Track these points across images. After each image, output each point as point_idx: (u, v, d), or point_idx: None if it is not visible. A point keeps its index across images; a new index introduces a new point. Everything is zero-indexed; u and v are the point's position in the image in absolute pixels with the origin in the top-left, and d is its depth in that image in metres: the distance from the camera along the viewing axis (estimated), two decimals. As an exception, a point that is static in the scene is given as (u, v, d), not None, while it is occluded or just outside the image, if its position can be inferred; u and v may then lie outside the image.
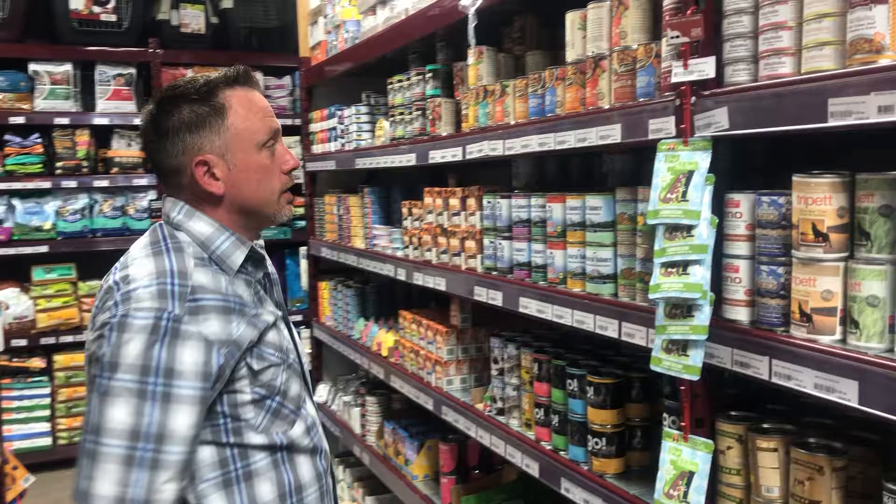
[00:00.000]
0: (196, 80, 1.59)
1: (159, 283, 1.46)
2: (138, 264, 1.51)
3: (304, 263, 5.28)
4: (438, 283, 2.93)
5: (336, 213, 4.27)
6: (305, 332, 4.75)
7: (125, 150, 5.47)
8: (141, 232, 5.19)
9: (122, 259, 1.58)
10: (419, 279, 3.11)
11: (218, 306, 1.49)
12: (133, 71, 5.39)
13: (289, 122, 5.56)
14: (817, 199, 1.41)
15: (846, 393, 1.33)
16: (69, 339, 5.30)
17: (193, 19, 5.47)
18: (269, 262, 1.77)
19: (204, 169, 1.56)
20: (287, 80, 5.76)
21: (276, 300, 1.75)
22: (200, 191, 1.58)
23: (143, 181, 5.43)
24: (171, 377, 1.41)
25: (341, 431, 4.27)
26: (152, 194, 5.44)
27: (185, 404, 1.42)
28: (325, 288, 4.61)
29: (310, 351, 4.82)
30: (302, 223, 5.41)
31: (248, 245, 1.64)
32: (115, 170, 5.39)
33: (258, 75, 5.51)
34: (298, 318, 5.37)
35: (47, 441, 5.21)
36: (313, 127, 4.59)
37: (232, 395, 1.52)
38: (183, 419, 1.42)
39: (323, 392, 4.66)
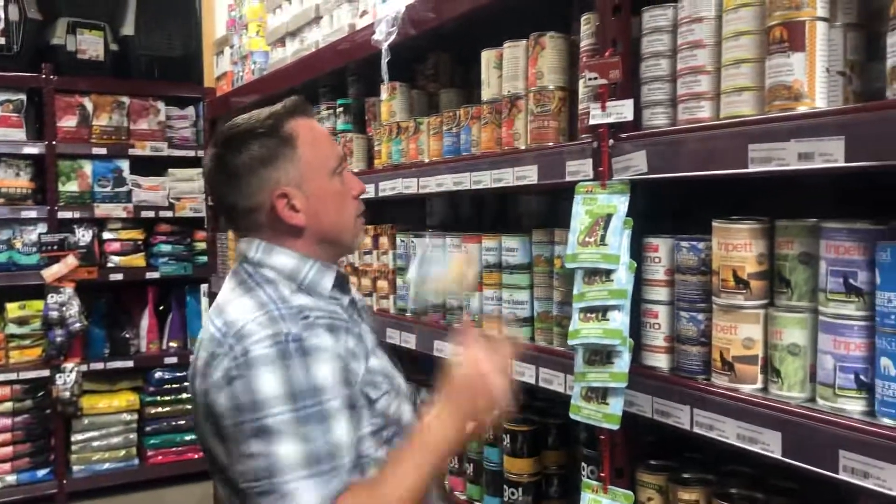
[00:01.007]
0: (257, 115, 1.55)
1: (265, 312, 1.42)
2: (234, 305, 1.46)
3: (205, 301, 5.04)
4: (348, 325, 2.82)
5: (240, 250, 4.10)
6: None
7: (13, 179, 5.12)
8: (30, 267, 4.97)
9: (211, 310, 1.53)
10: (328, 320, 2.98)
11: (325, 324, 1.45)
12: (23, 97, 5.07)
13: (192, 153, 5.33)
14: (738, 245, 1.39)
15: (769, 444, 1.29)
16: (-54, 382, 4.88)
17: (91, 45, 5.20)
18: (353, 286, 1.70)
19: (284, 201, 1.50)
20: (190, 110, 5.55)
21: (370, 325, 1.69)
22: (281, 225, 1.52)
23: (33, 213, 5.07)
24: (318, 395, 1.35)
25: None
26: (42, 227, 5.09)
27: (339, 415, 1.38)
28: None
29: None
30: (203, 259, 5.18)
31: (334, 268, 1.59)
32: (0, 201, 5.05)
33: (159, 104, 5.30)
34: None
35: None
36: (218, 160, 4.41)
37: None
38: (342, 429, 1.37)
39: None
